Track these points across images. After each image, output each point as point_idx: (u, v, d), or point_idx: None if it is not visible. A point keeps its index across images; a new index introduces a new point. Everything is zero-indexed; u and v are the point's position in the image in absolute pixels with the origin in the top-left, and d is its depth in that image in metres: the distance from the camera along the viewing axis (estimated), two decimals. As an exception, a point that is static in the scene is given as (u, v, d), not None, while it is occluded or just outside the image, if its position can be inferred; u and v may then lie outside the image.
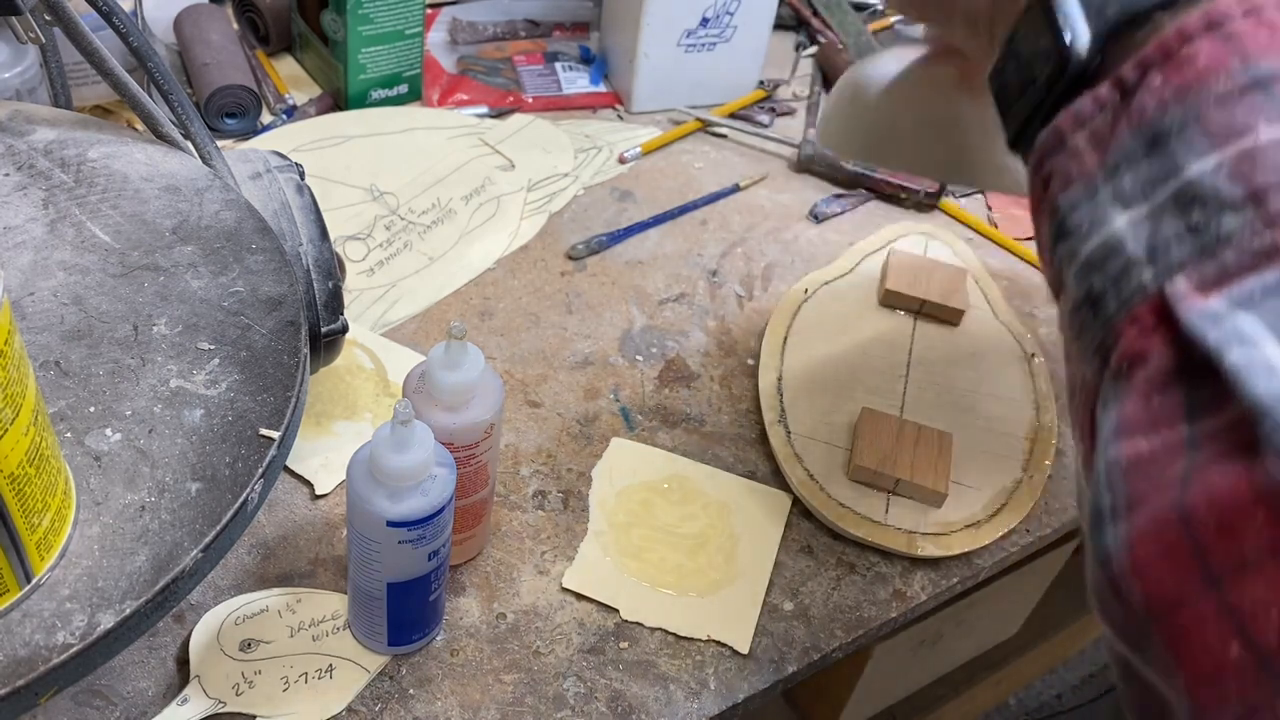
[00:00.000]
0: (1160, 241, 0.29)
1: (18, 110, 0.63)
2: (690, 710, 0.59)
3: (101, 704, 0.55)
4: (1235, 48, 0.29)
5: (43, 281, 0.53)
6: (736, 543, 0.66)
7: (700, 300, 0.83)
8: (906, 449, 0.69)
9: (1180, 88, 0.30)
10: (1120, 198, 0.31)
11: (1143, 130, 0.30)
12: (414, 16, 0.92)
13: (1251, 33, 0.29)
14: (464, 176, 0.89)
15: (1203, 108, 0.29)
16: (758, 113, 1.02)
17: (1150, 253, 0.29)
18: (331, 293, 0.60)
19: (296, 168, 0.64)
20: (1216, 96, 0.29)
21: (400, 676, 0.58)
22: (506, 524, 0.66)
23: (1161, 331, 0.28)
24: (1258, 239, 0.27)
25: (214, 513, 0.46)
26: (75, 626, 0.42)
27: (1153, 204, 0.30)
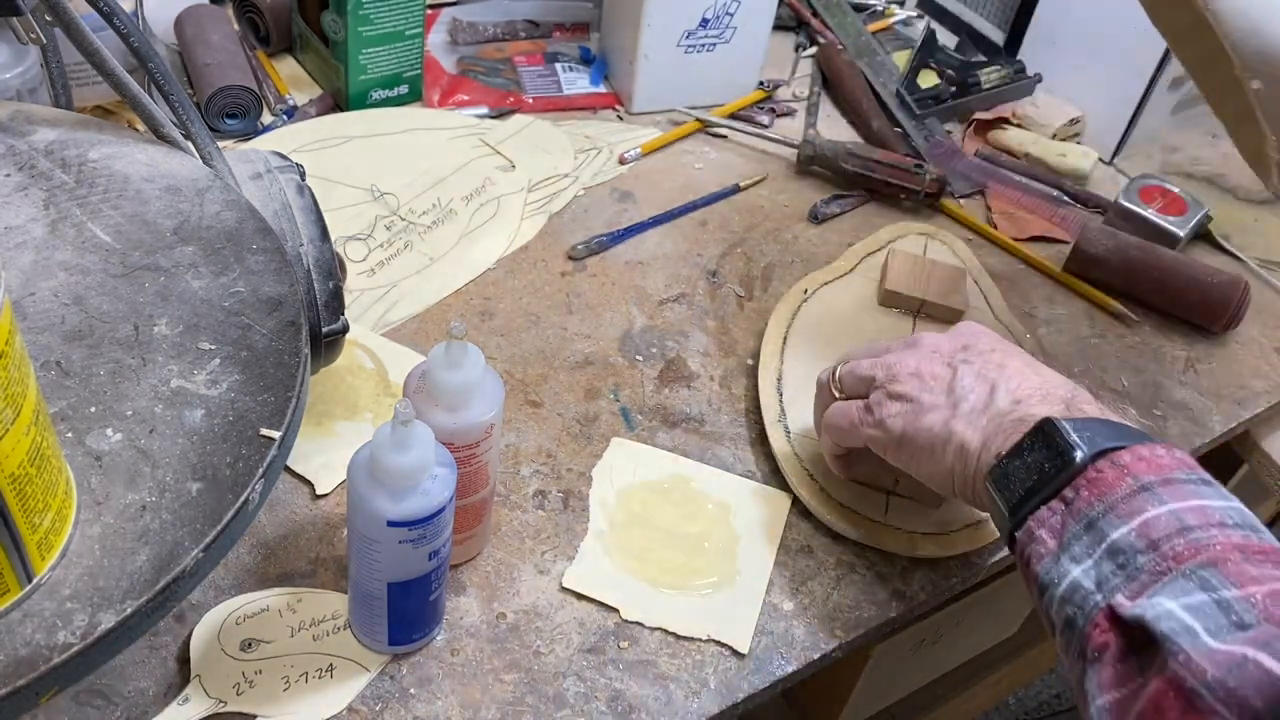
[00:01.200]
0: (1102, 577, 0.48)
1: (19, 111, 0.63)
2: (690, 710, 0.59)
3: (102, 704, 0.55)
4: (1127, 472, 0.50)
5: (44, 282, 0.53)
6: (736, 543, 0.66)
7: (700, 300, 0.83)
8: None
9: (1100, 494, 0.50)
10: (1074, 559, 0.49)
11: (1081, 520, 0.50)
12: (414, 17, 0.92)
13: (1133, 463, 0.50)
14: (464, 177, 0.89)
15: (1115, 503, 0.49)
16: (758, 113, 1.02)
17: (1098, 585, 0.48)
18: (332, 293, 0.60)
19: (297, 168, 0.64)
20: (1121, 497, 0.49)
21: (400, 676, 0.58)
22: (506, 524, 0.66)
23: (1114, 628, 0.46)
24: (1158, 565, 0.47)
25: (215, 512, 0.46)
26: (76, 626, 0.42)
27: (1094, 559, 0.49)
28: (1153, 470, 0.50)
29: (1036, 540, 0.51)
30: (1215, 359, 0.85)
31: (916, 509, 0.68)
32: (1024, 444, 0.53)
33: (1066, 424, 0.52)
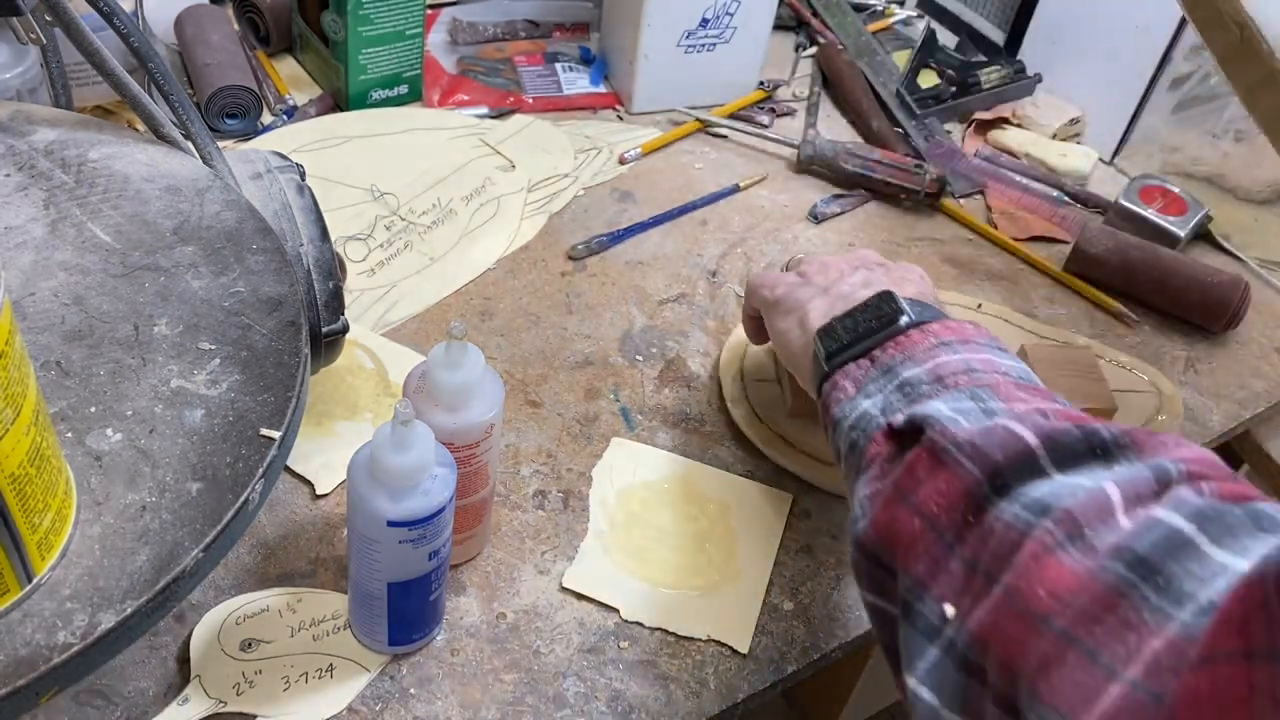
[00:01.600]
0: (887, 404, 0.53)
1: (19, 111, 0.63)
2: (690, 710, 0.59)
3: (102, 704, 0.55)
4: (933, 335, 0.55)
5: (44, 282, 0.53)
6: (736, 543, 0.66)
7: (700, 300, 0.83)
8: None
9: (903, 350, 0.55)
10: (868, 396, 0.54)
11: (881, 367, 0.55)
12: (414, 17, 0.92)
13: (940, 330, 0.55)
14: (464, 177, 0.89)
15: (914, 354, 0.54)
16: (758, 113, 1.02)
17: (882, 411, 0.52)
18: (332, 293, 0.60)
19: (297, 168, 0.64)
20: (921, 350, 0.54)
21: (400, 676, 0.58)
22: (506, 524, 0.66)
23: (889, 440, 0.50)
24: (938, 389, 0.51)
25: (215, 512, 0.46)
26: (76, 626, 0.42)
27: (884, 393, 0.53)
28: (956, 335, 0.55)
29: (838, 389, 0.55)
30: (1215, 359, 0.85)
31: None
32: (858, 308, 0.58)
33: (905, 300, 0.57)
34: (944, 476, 0.46)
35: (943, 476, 0.46)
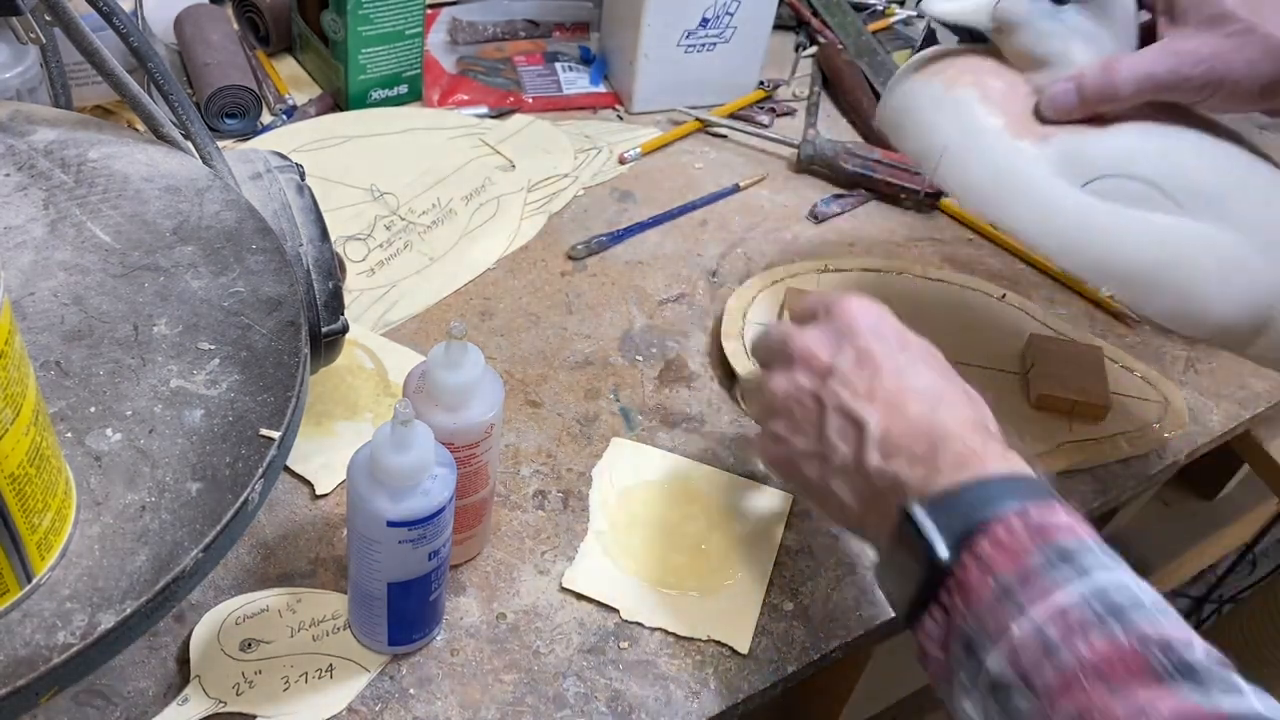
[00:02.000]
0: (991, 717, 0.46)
1: (18, 110, 0.63)
2: (690, 710, 0.59)
3: (102, 704, 0.55)
4: (989, 571, 0.46)
5: (43, 282, 0.53)
6: (736, 543, 0.66)
7: (700, 300, 0.83)
8: None
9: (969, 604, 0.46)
10: (964, 689, 0.47)
11: (959, 640, 0.47)
12: (414, 17, 0.92)
13: (993, 555, 0.46)
14: (464, 177, 0.89)
15: (983, 617, 0.46)
16: (758, 113, 1.02)
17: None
18: (332, 293, 0.60)
19: (297, 168, 0.64)
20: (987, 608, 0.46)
21: (400, 676, 0.58)
22: (506, 524, 0.66)
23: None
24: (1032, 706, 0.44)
25: (214, 512, 0.46)
26: (75, 626, 0.42)
27: (980, 693, 0.46)
28: (1011, 562, 0.46)
29: (928, 656, 0.49)
30: (1215, 359, 0.85)
31: None
32: (891, 544, 0.51)
33: (923, 513, 0.49)
34: None
35: None
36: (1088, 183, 0.61)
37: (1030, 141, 0.62)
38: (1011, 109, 0.63)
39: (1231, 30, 0.58)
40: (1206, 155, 0.61)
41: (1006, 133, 0.62)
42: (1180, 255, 0.60)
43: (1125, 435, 0.75)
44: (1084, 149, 0.61)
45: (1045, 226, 0.61)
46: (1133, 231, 0.60)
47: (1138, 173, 0.60)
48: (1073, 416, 0.75)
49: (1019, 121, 0.62)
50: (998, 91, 0.63)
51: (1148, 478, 0.75)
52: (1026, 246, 0.63)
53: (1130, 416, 0.76)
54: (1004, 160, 0.62)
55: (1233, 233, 0.60)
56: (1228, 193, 0.61)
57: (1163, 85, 0.60)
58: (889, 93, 0.70)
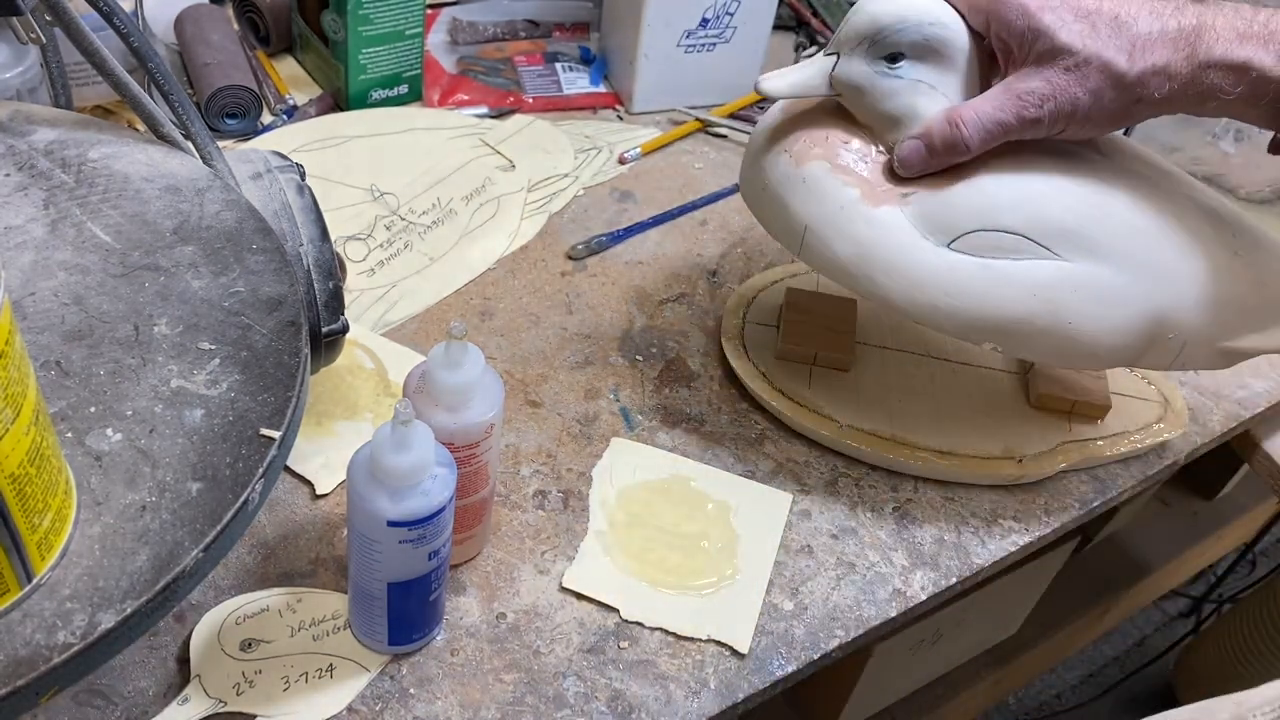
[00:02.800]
0: None
1: (18, 110, 0.63)
2: (690, 710, 0.59)
3: (102, 703, 0.55)
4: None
5: (43, 281, 0.53)
6: (736, 543, 0.66)
7: (700, 300, 0.83)
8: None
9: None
10: None
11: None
12: (414, 17, 0.92)
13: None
14: (464, 177, 0.89)
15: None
16: (758, 113, 1.02)
17: None
18: (332, 293, 0.60)
19: (297, 168, 0.64)
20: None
21: (400, 676, 0.58)
22: (506, 524, 0.66)
23: None
24: None
25: (215, 512, 0.46)
26: (76, 626, 0.42)
27: None
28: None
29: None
30: (1215, 359, 0.85)
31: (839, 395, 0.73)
32: None
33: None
34: None
35: None
36: (954, 240, 0.60)
37: (889, 206, 0.61)
38: (865, 175, 0.62)
39: (1069, 64, 0.57)
40: (1066, 193, 0.61)
41: (864, 202, 0.61)
42: (1057, 299, 0.60)
43: (1125, 435, 0.75)
44: (945, 207, 0.61)
45: (916, 293, 0.61)
46: (1006, 284, 0.60)
47: (1002, 224, 0.60)
48: (1073, 416, 0.75)
49: (874, 187, 0.62)
50: (849, 159, 0.62)
51: (1148, 478, 0.75)
52: (901, 315, 0.63)
53: (1130, 416, 0.76)
54: (865, 232, 0.61)
55: (1104, 265, 0.60)
56: (1091, 227, 0.60)
57: (1010, 130, 0.60)
58: (745, 168, 0.68)
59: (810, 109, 0.65)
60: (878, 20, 0.60)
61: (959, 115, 0.60)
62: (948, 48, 0.61)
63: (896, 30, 0.60)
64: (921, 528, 0.69)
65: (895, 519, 0.70)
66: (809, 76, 0.62)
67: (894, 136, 0.62)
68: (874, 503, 0.70)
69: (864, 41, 0.61)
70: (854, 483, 0.71)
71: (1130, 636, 1.71)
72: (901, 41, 0.60)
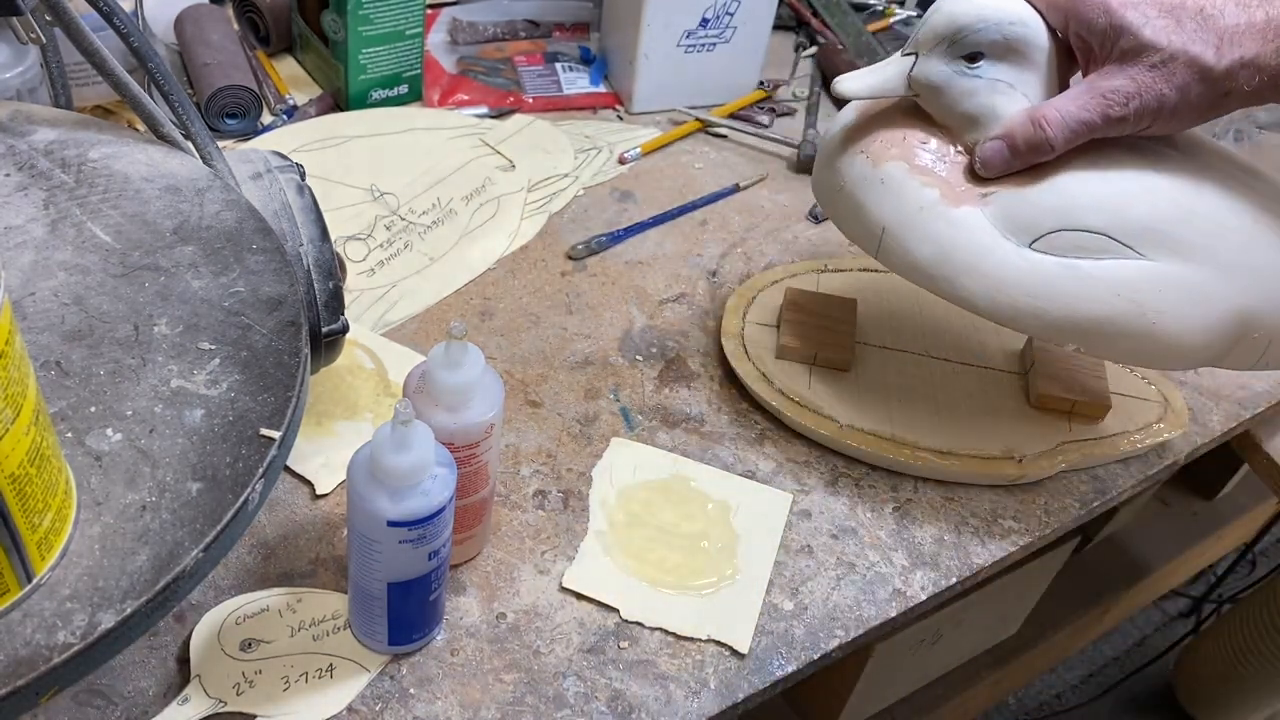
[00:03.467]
0: None
1: (18, 110, 0.63)
2: (690, 710, 0.59)
3: (102, 703, 0.55)
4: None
5: (43, 282, 0.53)
6: (736, 543, 0.66)
7: (700, 300, 0.83)
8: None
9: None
10: None
11: None
12: (414, 17, 0.92)
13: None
14: (464, 177, 0.89)
15: None
16: (758, 113, 1.02)
17: None
18: (332, 293, 0.60)
19: (297, 168, 0.64)
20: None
21: (400, 676, 0.58)
22: (506, 524, 0.66)
23: None
24: None
25: (215, 512, 0.46)
26: (76, 626, 0.42)
27: None
28: None
29: None
30: (1215, 359, 0.85)
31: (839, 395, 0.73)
32: None
33: None
34: None
35: None
36: (1035, 240, 0.60)
37: (969, 206, 0.61)
38: (944, 175, 0.62)
39: (1154, 60, 0.57)
40: (1150, 192, 0.60)
41: (943, 203, 0.61)
42: (1141, 299, 0.60)
43: (1125, 435, 0.75)
44: (1026, 207, 0.60)
45: (998, 295, 0.60)
46: (1089, 284, 0.60)
47: (1084, 223, 0.60)
48: (1073, 416, 0.75)
49: (954, 187, 0.61)
50: (927, 159, 0.62)
51: (1148, 478, 0.75)
52: (983, 316, 0.62)
53: (1130, 416, 0.76)
54: (945, 233, 0.61)
55: (1189, 265, 0.60)
56: (1176, 227, 0.60)
57: (1095, 129, 0.59)
58: (818, 169, 0.68)
59: (886, 109, 0.65)
60: (957, 20, 0.60)
61: (1043, 115, 0.59)
62: (1028, 46, 0.60)
63: (976, 30, 0.59)
64: (921, 528, 0.69)
65: (895, 519, 0.70)
66: (887, 77, 0.62)
67: (973, 136, 0.62)
68: (874, 503, 0.70)
69: (943, 41, 0.60)
70: (854, 483, 0.71)
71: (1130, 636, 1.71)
72: (981, 41, 0.60)
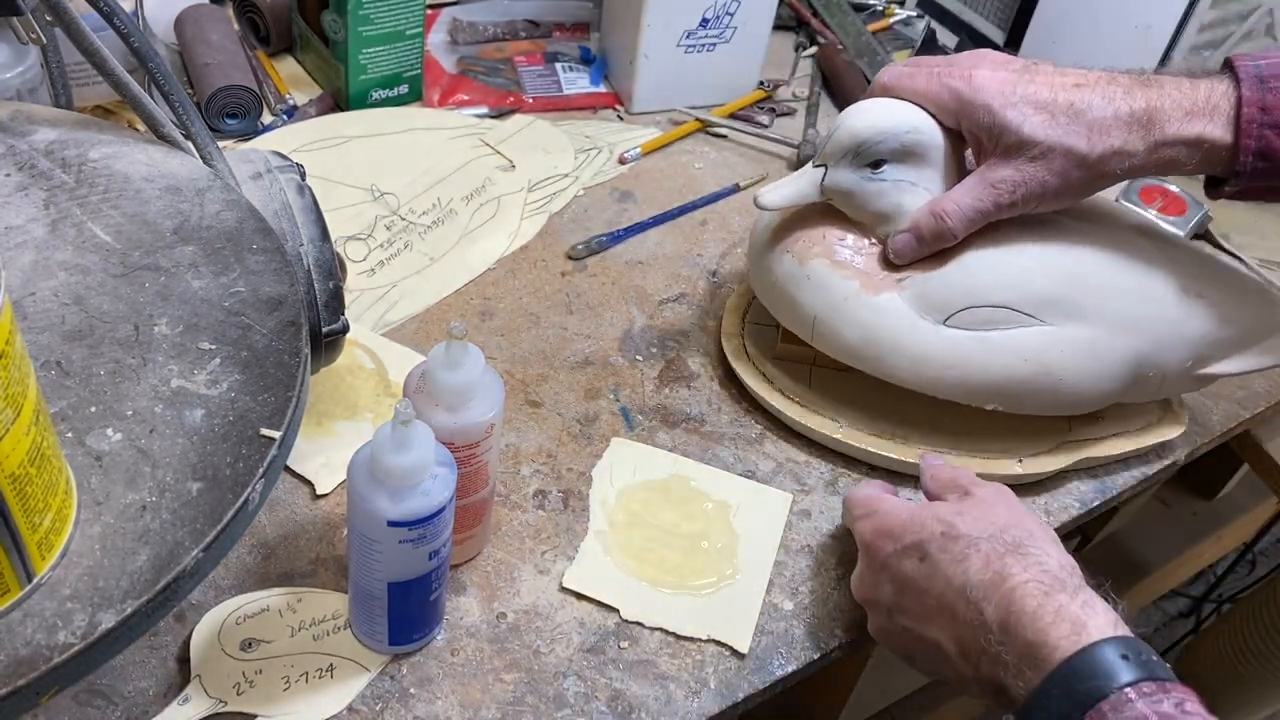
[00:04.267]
0: None
1: (19, 110, 0.63)
2: (690, 710, 0.59)
3: (102, 703, 0.55)
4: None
5: (44, 281, 0.53)
6: (736, 543, 0.66)
7: (700, 300, 0.83)
8: None
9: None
10: None
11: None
12: (414, 17, 0.92)
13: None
14: (464, 177, 0.89)
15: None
16: (758, 113, 1.02)
17: None
18: (332, 293, 0.60)
19: (297, 168, 0.64)
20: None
21: (401, 676, 0.58)
22: (506, 524, 0.66)
23: None
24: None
25: (215, 512, 0.46)
26: (76, 626, 0.42)
27: None
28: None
29: None
30: (1215, 359, 0.85)
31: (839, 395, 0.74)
32: None
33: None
34: None
35: None
36: (948, 318, 0.67)
37: (888, 292, 0.67)
38: (861, 267, 0.68)
39: (1034, 153, 0.64)
40: (1044, 264, 0.67)
41: (864, 292, 0.68)
42: (1046, 360, 0.67)
43: (1125, 435, 0.75)
44: (938, 287, 0.67)
45: (922, 369, 0.68)
46: (1000, 354, 0.67)
47: (990, 299, 0.66)
48: (1073, 416, 0.75)
49: (872, 277, 0.68)
50: (846, 254, 0.69)
51: (1148, 478, 0.75)
52: (909, 387, 0.69)
53: (1130, 416, 0.76)
54: (869, 319, 0.68)
55: (1085, 325, 0.67)
56: (1070, 293, 0.67)
57: (989, 215, 0.66)
58: (753, 263, 0.74)
59: (805, 210, 0.71)
60: (859, 135, 0.67)
61: (942, 208, 0.66)
62: (924, 149, 0.67)
63: (877, 142, 0.66)
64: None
65: (895, 519, 0.70)
66: (801, 188, 0.69)
67: (885, 229, 0.69)
68: (874, 503, 0.70)
69: (848, 154, 0.67)
70: (854, 483, 0.71)
71: (1130, 636, 1.71)
72: (882, 150, 0.67)
